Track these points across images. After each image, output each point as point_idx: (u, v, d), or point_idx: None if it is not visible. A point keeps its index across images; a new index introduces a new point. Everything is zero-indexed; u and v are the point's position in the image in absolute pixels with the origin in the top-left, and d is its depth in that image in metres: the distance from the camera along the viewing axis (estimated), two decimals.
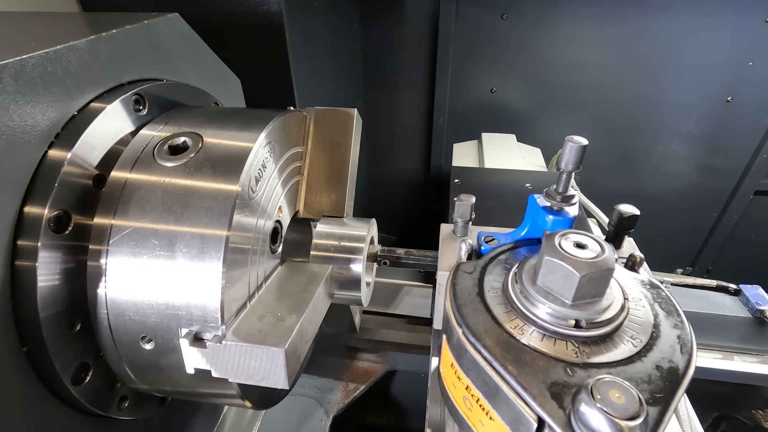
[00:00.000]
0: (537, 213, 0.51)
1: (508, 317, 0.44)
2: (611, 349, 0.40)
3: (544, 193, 0.50)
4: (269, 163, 0.57)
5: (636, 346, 0.41)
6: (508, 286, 0.46)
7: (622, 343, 0.41)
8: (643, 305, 0.45)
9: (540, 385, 0.38)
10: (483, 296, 0.46)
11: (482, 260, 0.52)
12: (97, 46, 0.55)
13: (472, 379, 0.44)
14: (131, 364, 0.53)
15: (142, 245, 0.49)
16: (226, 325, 0.48)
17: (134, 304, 0.49)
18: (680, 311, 0.45)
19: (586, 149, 0.46)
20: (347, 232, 0.66)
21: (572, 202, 0.49)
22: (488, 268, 0.50)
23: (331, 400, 1.24)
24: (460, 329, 0.44)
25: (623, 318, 0.43)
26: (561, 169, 0.47)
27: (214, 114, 0.61)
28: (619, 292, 0.44)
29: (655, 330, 0.43)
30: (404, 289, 1.30)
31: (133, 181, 0.52)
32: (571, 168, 0.46)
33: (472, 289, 0.47)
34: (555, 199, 0.49)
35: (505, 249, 0.53)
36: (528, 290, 0.44)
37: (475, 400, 0.43)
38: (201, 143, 0.54)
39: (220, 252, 0.47)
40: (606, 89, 1.87)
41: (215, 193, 0.50)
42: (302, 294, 0.55)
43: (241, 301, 0.52)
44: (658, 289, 0.48)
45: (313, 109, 0.72)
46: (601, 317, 0.42)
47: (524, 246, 0.53)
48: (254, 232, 0.54)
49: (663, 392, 0.37)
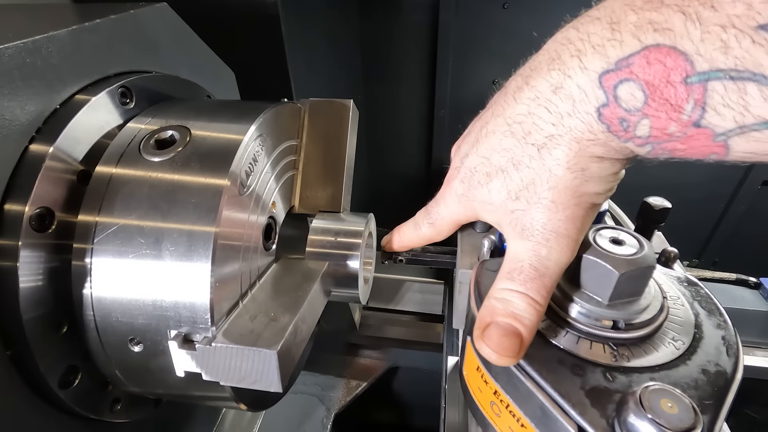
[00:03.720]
0: None
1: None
2: (652, 351, 0.38)
3: None
4: (261, 156, 0.55)
5: (678, 348, 0.38)
6: None
7: (663, 345, 0.39)
8: (682, 304, 0.43)
9: (578, 391, 0.35)
10: None
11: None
12: (79, 36, 0.52)
13: (502, 383, 0.41)
14: (121, 366, 0.51)
15: (128, 244, 0.47)
16: (217, 326, 0.46)
17: (121, 305, 0.47)
18: (722, 310, 0.43)
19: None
20: (344, 227, 0.64)
21: None
22: None
23: (332, 397, 1.23)
24: None
25: (663, 318, 0.40)
26: None
27: (203, 106, 0.59)
28: (657, 291, 0.42)
29: (698, 331, 0.40)
30: (405, 285, 1.28)
31: (119, 177, 0.49)
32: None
33: None
34: None
35: None
36: (560, 289, 0.42)
37: (504, 405, 0.41)
38: (189, 137, 0.51)
39: (209, 249, 0.45)
40: None
41: (203, 188, 0.47)
42: (297, 293, 0.53)
43: (233, 300, 0.50)
44: (696, 287, 0.45)
45: (308, 101, 0.70)
46: (640, 318, 0.39)
47: None
48: (246, 228, 0.52)
49: (712, 398, 0.34)
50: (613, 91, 0.33)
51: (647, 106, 0.32)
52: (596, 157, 0.37)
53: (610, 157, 0.37)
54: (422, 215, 0.57)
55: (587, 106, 0.35)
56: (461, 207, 0.49)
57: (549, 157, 0.38)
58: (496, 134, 0.42)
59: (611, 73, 0.33)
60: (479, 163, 0.44)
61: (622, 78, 0.32)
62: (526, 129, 0.39)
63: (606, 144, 0.36)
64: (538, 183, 0.39)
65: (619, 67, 0.32)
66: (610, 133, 0.35)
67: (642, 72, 0.31)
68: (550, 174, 0.38)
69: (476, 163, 0.45)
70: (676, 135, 0.32)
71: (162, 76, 0.64)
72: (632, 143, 0.35)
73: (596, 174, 0.38)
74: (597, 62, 0.34)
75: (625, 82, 0.32)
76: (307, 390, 1.24)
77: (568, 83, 0.36)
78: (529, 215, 0.40)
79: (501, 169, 0.42)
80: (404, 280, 1.28)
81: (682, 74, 0.29)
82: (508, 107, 0.41)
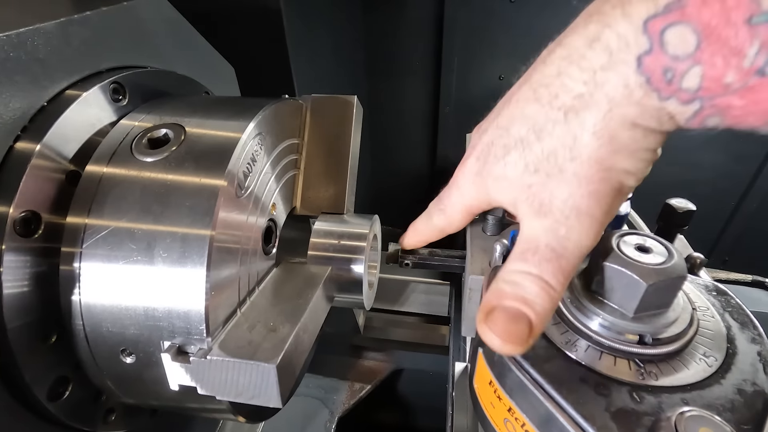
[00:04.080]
0: None
1: (558, 330, 0.39)
2: (682, 369, 0.35)
3: None
4: (260, 156, 0.52)
5: (711, 365, 0.35)
6: None
7: (693, 361, 0.36)
8: (712, 315, 0.40)
9: (603, 414, 0.32)
10: None
11: None
12: (68, 29, 0.50)
13: (517, 401, 0.38)
14: (113, 378, 0.49)
15: (118, 249, 0.44)
16: (213, 337, 0.43)
17: (111, 314, 0.44)
18: (756, 322, 0.39)
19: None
20: (347, 229, 0.61)
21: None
22: None
23: (336, 400, 1.21)
24: None
25: (693, 332, 0.37)
26: None
27: (199, 103, 0.56)
28: (685, 302, 0.39)
29: (731, 345, 0.37)
30: (410, 286, 1.25)
31: (109, 178, 0.47)
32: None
33: None
34: None
35: None
36: (580, 299, 0.39)
37: (519, 424, 0.38)
38: (183, 135, 0.49)
39: (204, 255, 0.42)
40: None
41: (198, 189, 0.45)
42: (298, 300, 0.51)
43: (230, 308, 0.47)
44: (726, 296, 0.42)
45: (310, 97, 0.67)
46: (668, 332, 0.36)
47: None
48: (244, 231, 0.49)
49: (750, 423, 0.31)
50: (659, 37, 0.28)
51: (700, 51, 0.27)
52: (629, 123, 0.31)
53: (644, 125, 0.31)
54: (434, 203, 0.52)
55: (626, 55, 0.30)
56: (474, 188, 0.43)
57: (575, 120, 0.33)
58: (519, 102, 0.37)
59: (659, 17, 0.28)
60: (497, 136, 0.39)
61: (671, 21, 0.27)
62: (552, 92, 0.34)
63: (642, 104, 0.31)
64: (560, 152, 0.34)
65: (669, 9, 0.27)
66: (649, 87, 0.30)
67: (697, 12, 0.26)
68: (574, 141, 0.33)
69: (494, 136, 0.39)
70: (735, 87, 0.27)
71: (157, 71, 0.62)
72: (675, 100, 0.29)
73: (627, 145, 0.32)
74: (643, 7, 0.29)
75: (675, 26, 0.27)
76: (310, 393, 1.22)
77: (606, 33, 0.30)
78: (548, 189, 0.35)
79: (520, 140, 0.36)
80: (409, 281, 1.26)
81: (746, 14, 0.25)
82: (536, 72, 0.36)
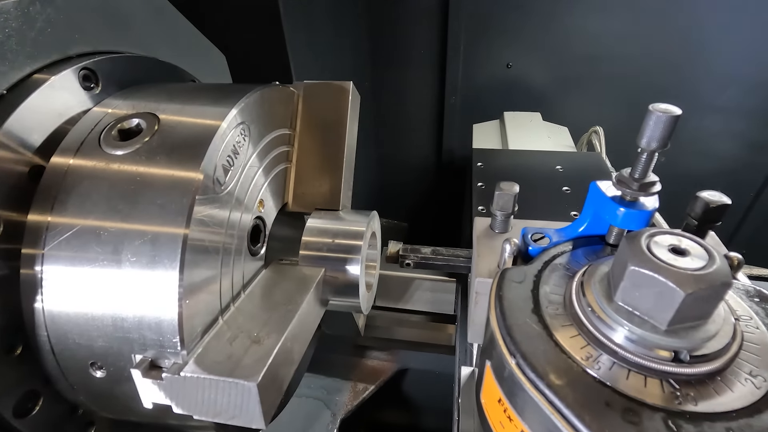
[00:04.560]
0: (602, 204, 0.40)
1: (577, 344, 0.34)
2: (725, 391, 0.30)
3: (615, 179, 0.39)
4: (243, 147, 0.47)
5: (759, 386, 0.30)
6: (573, 300, 0.36)
7: (738, 382, 0.30)
8: (756, 326, 0.34)
9: None
10: (540, 314, 0.36)
11: (533, 265, 0.42)
12: (29, 9, 0.45)
13: (529, 422, 0.34)
14: (85, 392, 0.45)
15: (83, 252, 0.39)
16: (188, 350, 0.39)
17: (77, 324, 0.40)
18: None
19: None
20: (343, 227, 0.56)
21: (652, 190, 0.38)
22: (543, 276, 0.40)
23: (338, 401, 1.16)
24: (513, 359, 0.34)
25: (737, 347, 0.32)
26: (641, 147, 0.36)
27: (179, 90, 0.51)
28: (726, 311, 0.34)
29: None
30: (415, 283, 1.20)
31: (75, 172, 0.42)
32: (655, 146, 0.35)
33: (524, 303, 0.37)
34: (630, 187, 0.38)
35: (561, 250, 0.43)
36: (603, 308, 0.34)
37: None
38: (157, 125, 0.44)
39: (176, 256, 0.38)
40: (634, 60, 1.70)
41: (171, 184, 0.40)
42: (287, 306, 0.46)
43: (210, 315, 0.42)
44: None
45: (302, 84, 0.62)
46: (708, 347, 0.31)
47: (583, 246, 0.43)
48: (226, 229, 0.45)
49: None
50: None
51: None
52: None
53: None
54: None
55: None
56: None
57: None
58: None
59: None
60: None
61: None
62: None
63: None
64: None
65: None
66: None
67: None
68: None
69: None
70: None
71: (136, 57, 0.57)
72: None
73: None
74: None
75: None
76: (311, 393, 1.18)
77: None
78: None
79: None
80: (414, 277, 1.21)
81: None
82: None
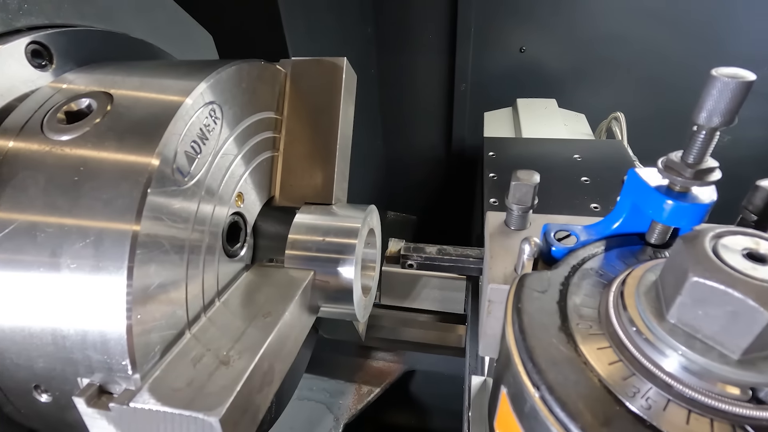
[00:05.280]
0: (644, 196, 0.33)
1: (618, 373, 0.27)
2: None
3: (661, 164, 0.32)
4: (214, 131, 0.40)
5: None
6: (611, 315, 0.29)
7: None
8: None
9: None
10: (569, 332, 0.29)
11: (559, 270, 0.34)
12: None
13: None
14: (35, 418, 0.39)
15: (17, 256, 0.33)
16: (143, 374, 0.32)
17: (14, 342, 0.34)
18: None
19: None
20: (335, 223, 0.49)
21: (710, 178, 0.30)
22: (571, 284, 0.33)
23: (342, 405, 1.11)
24: (537, 392, 0.27)
25: None
26: (699, 123, 0.28)
27: (143, 67, 0.45)
28: None
29: None
30: (423, 280, 1.13)
31: (12, 161, 0.36)
32: (718, 122, 0.27)
33: (549, 319, 0.30)
34: (682, 174, 0.30)
35: (592, 252, 0.36)
36: (652, 327, 0.27)
37: None
38: (110, 106, 0.37)
39: (123, 259, 0.31)
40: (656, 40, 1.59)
41: (120, 174, 0.33)
42: (265, 318, 0.39)
43: (172, 329, 0.36)
44: None
45: (290, 61, 0.55)
46: None
47: (618, 247, 0.36)
48: (193, 226, 0.38)
49: None
50: None
51: None
52: None
53: None
54: None
55: None
56: None
57: None
58: None
59: None
60: None
61: None
62: None
63: None
64: None
65: None
66: None
67: None
68: None
69: None
70: None
71: (101, 32, 0.50)
72: None
73: None
74: None
75: None
76: (313, 396, 1.12)
77: None
78: None
79: None
80: (421, 274, 1.14)
81: None
82: None
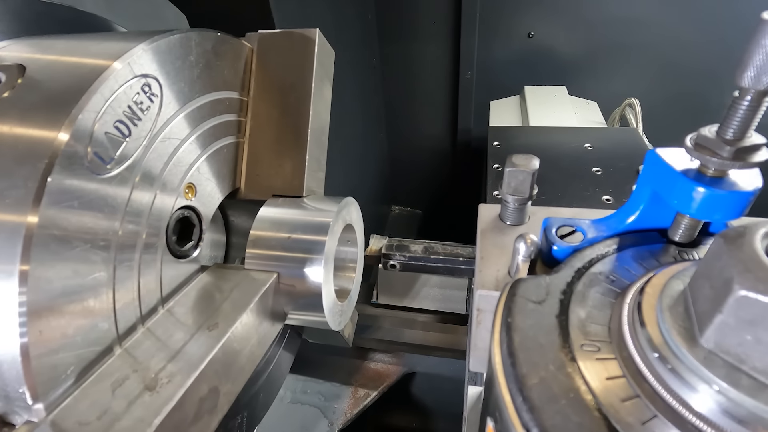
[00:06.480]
0: (667, 182, 0.26)
1: (636, 412, 0.21)
2: None
3: (691, 141, 0.25)
4: (150, 110, 0.34)
5: None
6: (625, 335, 0.23)
7: None
8: None
9: None
10: (572, 356, 0.23)
11: (560, 274, 0.28)
12: None
13: None
14: None
15: None
16: (47, 403, 0.27)
17: None
18: None
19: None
20: (304, 218, 0.43)
21: (754, 158, 0.23)
22: (575, 292, 0.26)
23: (337, 409, 1.05)
24: None
25: None
26: (743, 85, 0.21)
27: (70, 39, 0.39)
28: None
29: None
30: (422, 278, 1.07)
31: None
32: (765, 84, 0.21)
33: (546, 339, 0.24)
34: (718, 153, 0.23)
35: (601, 252, 0.29)
36: (680, 354, 0.20)
37: None
38: (20, 79, 0.31)
39: (14, 261, 0.25)
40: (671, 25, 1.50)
41: (19, 155, 0.27)
42: (210, 331, 0.33)
43: (94, 346, 0.30)
44: None
45: (257, 35, 0.48)
46: None
47: (634, 246, 0.29)
48: (124, 218, 0.32)
49: None
50: None
51: None
52: None
53: None
54: None
55: None
56: None
57: None
58: None
59: None
60: None
61: None
62: None
63: None
64: None
65: None
66: None
67: None
68: None
69: None
70: None
71: (37, 2, 0.44)
72: None
73: None
74: None
75: None
76: (307, 400, 1.07)
77: None
78: None
79: None
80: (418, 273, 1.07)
81: None
82: None
